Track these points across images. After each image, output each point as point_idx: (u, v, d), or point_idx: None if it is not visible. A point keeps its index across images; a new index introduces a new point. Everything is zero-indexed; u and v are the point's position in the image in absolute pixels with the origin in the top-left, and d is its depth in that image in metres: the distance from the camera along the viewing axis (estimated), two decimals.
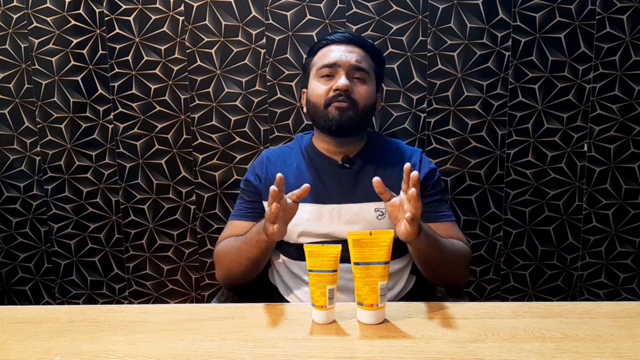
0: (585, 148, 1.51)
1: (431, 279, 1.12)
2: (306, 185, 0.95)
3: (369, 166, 1.16)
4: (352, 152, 1.18)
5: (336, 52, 1.14)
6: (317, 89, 1.14)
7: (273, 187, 0.90)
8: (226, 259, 1.11)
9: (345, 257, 0.86)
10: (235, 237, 1.12)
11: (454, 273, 1.10)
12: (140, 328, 0.85)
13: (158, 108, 1.53)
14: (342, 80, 1.10)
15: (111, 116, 1.54)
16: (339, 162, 1.17)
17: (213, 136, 1.54)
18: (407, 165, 0.91)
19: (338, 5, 1.45)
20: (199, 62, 1.50)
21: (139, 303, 1.64)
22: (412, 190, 0.87)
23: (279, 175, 0.92)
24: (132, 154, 1.56)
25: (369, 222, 1.11)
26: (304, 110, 1.23)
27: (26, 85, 1.54)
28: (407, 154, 1.21)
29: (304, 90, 1.22)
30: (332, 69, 1.13)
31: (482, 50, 1.47)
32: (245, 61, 1.50)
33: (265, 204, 1.17)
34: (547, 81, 1.48)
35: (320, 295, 0.85)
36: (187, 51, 1.50)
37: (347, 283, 1.04)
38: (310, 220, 1.11)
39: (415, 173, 0.88)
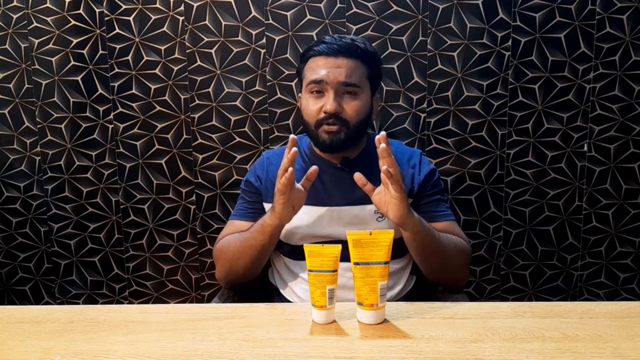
0: (585, 148, 1.51)
1: (429, 273, 1.11)
2: (314, 167, 1.00)
3: (368, 168, 1.16)
4: (352, 155, 1.17)
5: (323, 68, 1.08)
6: (308, 107, 1.11)
7: (295, 149, 0.95)
8: (229, 253, 1.10)
9: (345, 255, 0.86)
10: (239, 233, 1.12)
11: (452, 268, 1.09)
12: (140, 328, 0.85)
13: (158, 108, 1.53)
14: (330, 104, 1.06)
15: (111, 116, 1.54)
16: (338, 165, 1.17)
17: (213, 136, 1.54)
18: (377, 137, 0.96)
19: (338, 5, 1.45)
20: (199, 62, 1.50)
21: (139, 303, 1.64)
22: (382, 145, 0.93)
23: (293, 136, 0.98)
24: (132, 154, 1.56)
25: (369, 224, 1.11)
26: (301, 118, 1.22)
27: (26, 85, 1.54)
28: (407, 155, 1.20)
29: (300, 94, 1.22)
30: (320, 86, 1.09)
31: (482, 50, 1.47)
32: (245, 61, 1.50)
33: (265, 205, 1.17)
34: (547, 81, 1.48)
35: (320, 295, 0.85)
36: (187, 51, 1.50)
37: (347, 281, 1.04)
38: (310, 222, 1.11)
39: (381, 133, 0.95)
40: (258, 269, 1.12)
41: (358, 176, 1.00)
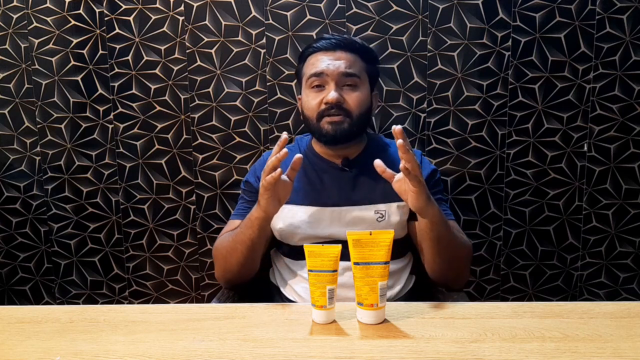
0: (585, 148, 1.51)
1: (435, 268, 1.08)
2: (298, 156, 0.98)
3: (368, 169, 1.16)
4: (352, 155, 1.17)
5: (323, 62, 1.10)
6: (309, 101, 1.12)
7: (285, 150, 0.93)
8: (222, 250, 1.11)
9: (345, 254, 0.86)
10: (232, 230, 1.12)
11: (458, 264, 1.09)
12: (140, 328, 0.85)
13: (158, 108, 1.53)
14: (331, 94, 1.08)
15: (111, 116, 1.54)
16: (339, 165, 1.16)
17: (213, 136, 1.54)
18: (394, 127, 0.92)
19: (338, 5, 1.45)
20: (199, 62, 1.50)
21: (139, 303, 1.64)
22: (399, 141, 0.90)
23: (285, 136, 0.97)
24: (132, 154, 1.56)
25: (369, 224, 1.11)
26: (302, 116, 1.23)
27: (26, 85, 1.54)
28: None
29: (299, 96, 1.22)
30: (320, 79, 1.10)
31: (482, 50, 1.47)
32: (245, 61, 1.50)
33: None
34: (547, 81, 1.48)
35: (320, 295, 0.85)
36: (187, 51, 1.50)
37: (347, 280, 1.04)
38: (310, 222, 1.11)
39: (397, 127, 0.91)
40: (252, 266, 1.10)
41: (378, 163, 0.99)
